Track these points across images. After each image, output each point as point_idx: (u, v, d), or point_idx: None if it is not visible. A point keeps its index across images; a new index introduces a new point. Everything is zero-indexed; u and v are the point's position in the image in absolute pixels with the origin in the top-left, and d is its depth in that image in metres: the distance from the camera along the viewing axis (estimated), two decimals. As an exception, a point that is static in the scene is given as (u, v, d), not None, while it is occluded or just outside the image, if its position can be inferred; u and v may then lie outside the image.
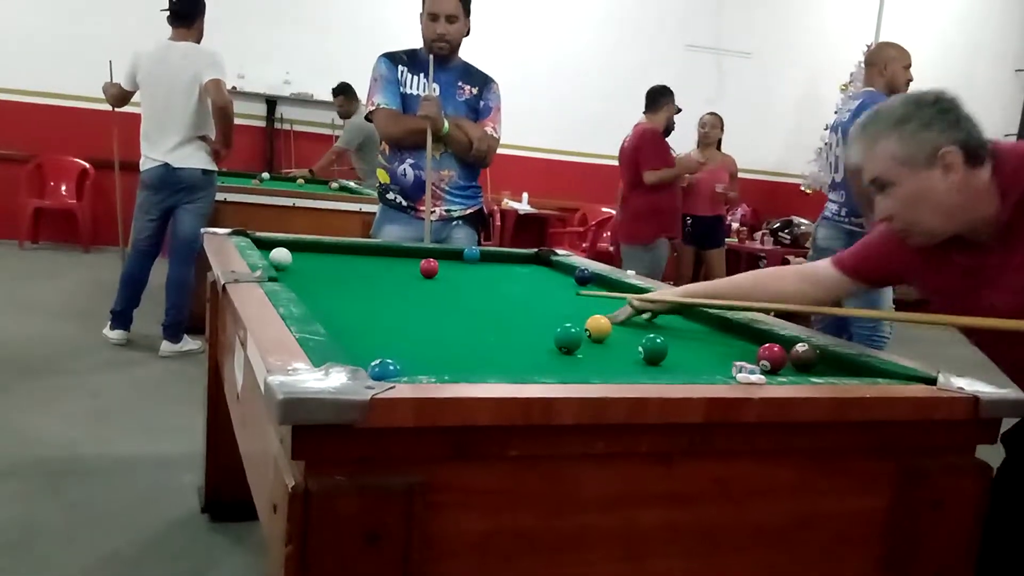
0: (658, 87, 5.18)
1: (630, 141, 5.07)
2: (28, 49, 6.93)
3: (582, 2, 8.26)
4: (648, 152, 4.95)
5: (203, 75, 4.13)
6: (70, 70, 6.83)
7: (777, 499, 1.19)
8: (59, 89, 7.01)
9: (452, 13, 2.98)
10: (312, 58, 7.43)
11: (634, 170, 4.99)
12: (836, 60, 8.57)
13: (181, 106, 4.17)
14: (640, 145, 4.98)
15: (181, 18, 4.22)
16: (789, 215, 7.52)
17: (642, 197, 5.00)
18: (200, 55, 4.19)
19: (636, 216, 5.04)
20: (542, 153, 8.26)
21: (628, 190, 5.11)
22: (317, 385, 0.97)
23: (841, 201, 3.81)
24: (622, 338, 1.61)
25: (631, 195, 5.08)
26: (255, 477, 1.38)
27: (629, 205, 5.11)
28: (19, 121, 7.02)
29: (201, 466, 2.62)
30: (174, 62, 4.17)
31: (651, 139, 4.99)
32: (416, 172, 3.08)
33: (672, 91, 5.16)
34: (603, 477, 1.10)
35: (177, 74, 4.16)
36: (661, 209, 5.04)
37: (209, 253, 2.20)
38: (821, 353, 1.50)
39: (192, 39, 4.24)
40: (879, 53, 3.91)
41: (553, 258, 2.77)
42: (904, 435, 1.25)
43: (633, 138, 5.05)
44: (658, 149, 5.01)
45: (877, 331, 3.79)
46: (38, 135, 7.03)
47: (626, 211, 5.16)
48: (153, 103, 4.23)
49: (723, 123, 6.06)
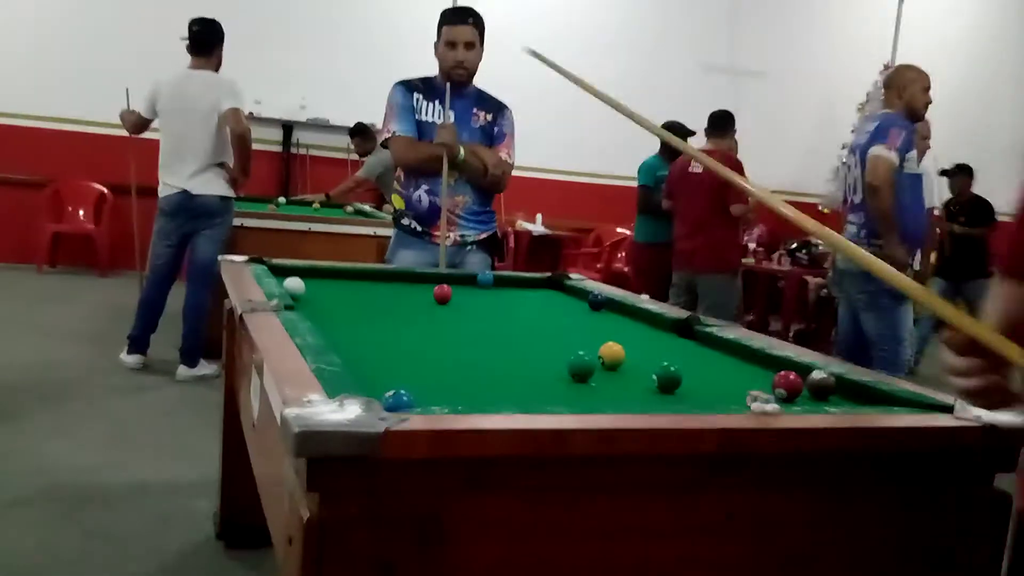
0: (723, 112, 5.12)
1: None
2: (47, 76, 7.06)
3: (595, 24, 8.32)
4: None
5: (222, 104, 4.21)
6: (88, 97, 6.93)
7: (793, 530, 1.18)
8: (77, 115, 7.12)
9: (470, 40, 3.02)
10: (328, 83, 7.51)
11: (719, 199, 4.89)
12: (852, 79, 8.58)
13: (200, 134, 4.24)
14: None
15: (200, 47, 4.31)
16: (806, 235, 7.49)
17: (727, 228, 4.97)
18: (219, 84, 4.28)
19: (726, 245, 5.00)
20: (556, 175, 8.29)
21: (711, 219, 4.94)
22: (332, 417, 0.98)
23: (860, 222, 3.80)
24: (636, 365, 1.61)
25: (714, 224, 4.93)
26: (270, 506, 1.38)
27: (713, 234, 4.95)
28: (38, 147, 7.14)
29: (217, 492, 2.62)
30: (193, 91, 4.25)
31: (739, 170, 4.97)
32: (431, 198, 3.10)
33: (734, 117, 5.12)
34: (617, 508, 1.10)
35: (196, 102, 4.24)
36: (740, 238, 5.01)
37: (226, 281, 2.22)
38: (837, 380, 1.49)
39: (211, 68, 4.33)
40: (898, 76, 3.91)
41: (566, 282, 2.77)
42: (921, 465, 1.23)
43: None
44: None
45: (898, 354, 3.76)
46: (56, 160, 7.14)
47: (710, 240, 4.95)
48: (172, 131, 4.30)
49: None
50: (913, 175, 3.75)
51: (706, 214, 4.95)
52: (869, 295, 3.78)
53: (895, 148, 3.60)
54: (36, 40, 7.06)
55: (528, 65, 2.23)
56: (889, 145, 3.60)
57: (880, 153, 3.60)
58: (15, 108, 7.12)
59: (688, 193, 5.03)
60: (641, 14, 8.48)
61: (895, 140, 3.61)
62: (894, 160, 3.60)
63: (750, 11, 8.74)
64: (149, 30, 5.34)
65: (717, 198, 4.89)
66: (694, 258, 4.99)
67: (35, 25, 7.08)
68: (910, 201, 3.73)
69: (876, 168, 3.59)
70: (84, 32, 7.10)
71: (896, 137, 3.61)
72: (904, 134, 3.64)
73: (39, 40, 7.06)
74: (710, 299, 4.87)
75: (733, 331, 1.98)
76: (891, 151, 3.60)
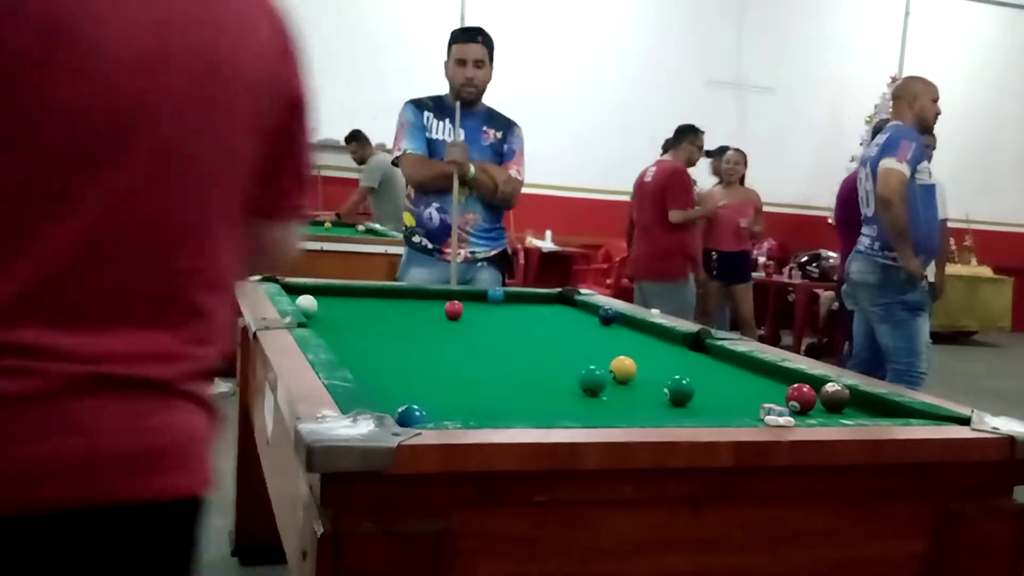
0: (683, 126, 5.23)
1: (655, 177, 5.08)
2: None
3: (603, 40, 8.36)
4: (676, 191, 4.99)
5: None
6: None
7: (808, 545, 1.18)
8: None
9: (479, 58, 3.05)
10: (337, 104, 7.57)
11: (660, 207, 4.99)
12: (859, 92, 8.57)
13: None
14: (668, 183, 4.99)
15: None
16: (816, 248, 7.47)
17: (669, 234, 5.00)
18: None
19: (666, 253, 5.02)
20: (565, 191, 8.30)
21: (652, 226, 5.09)
22: (345, 432, 0.99)
23: (874, 235, 3.79)
24: (647, 379, 1.61)
25: (656, 232, 5.06)
26: (284, 522, 1.39)
27: (654, 242, 5.08)
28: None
29: (232, 509, 2.63)
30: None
31: (679, 177, 5.03)
32: (441, 216, 3.12)
33: (698, 130, 5.20)
34: (630, 523, 1.09)
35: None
36: (688, 246, 5.06)
37: (240, 300, 2.24)
38: (852, 393, 1.48)
39: None
40: (907, 87, 3.91)
41: (577, 297, 2.78)
42: (938, 478, 1.22)
43: (660, 175, 5.06)
44: (685, 188, 5.06)
45: (914, 367, 3.73)
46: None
47: (650, 247, 5.11)
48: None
49: (747, 159, 6.09)
50: (926, 186, 3.74)
51: (649, 221, 5.09)
52: (884, 307, 3.76)
53: (906, 160, 3.59)
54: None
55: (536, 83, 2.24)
56: (899, 157, 3.59)
57: (891, 166, 3.60)
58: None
59: (639, 201, 5.22)
60: (648, 30, 8.52)
61: (905, 152, 3.60)
62: (905, 172, 3.59)
63: (758, 26, 8.77)
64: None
65: (658, 205, 4.99)
66: (636, 265, 5.22)
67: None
68: (923, 212, 3.72)
69: (887, 181, 3.59)
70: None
71: (906, 149, 3.61)
72: (914, 146, 3.64)
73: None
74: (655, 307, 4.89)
75: (745, 344, 1.98)
76: (902, 163, 3.59)
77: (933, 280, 3.86)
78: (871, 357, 3.93)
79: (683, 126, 5.24)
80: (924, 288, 3.73)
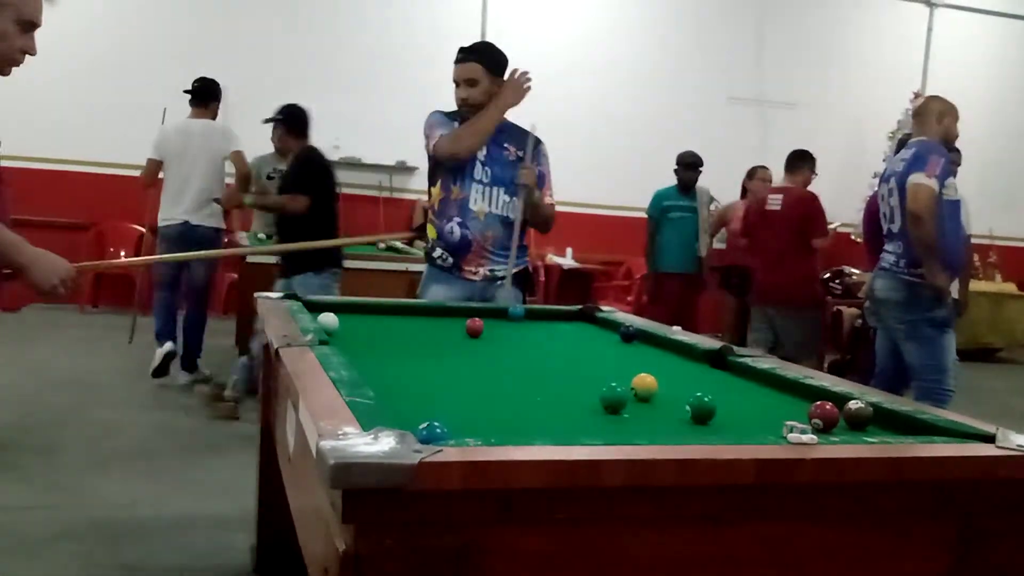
0: (799, 151, 5.24)
1: (787, 204, 5.00)
2: (89, 123, 7.31)
3: (624, 57, 8.38)
4: (819, 218, 5.01)
5: (227, 148, 4.98)
6: (127, 141, 7.13)
7: (832, 563, 1.17)
8: (117, 159, 7.34)
9: (469, 77, 3.11)
10: (361, 123, 7.64)
11: (797, 235, 4.96)
12: (881, 108, 8.52)
13: (200, 173, 4.94)
14: (809, 212, 4.98)
15: (199, 98, 5.06)
16: (840, 264, 7.41)
17: (807, 261, 5.03)
18: (221, 131, 5.07)
19: (808, 280, 5.06)
20: (586, 208, 8.30)
21: (790, 254, 4.98)
22: (367, 449, 0.99)
23: (899, 252, 3.75)
24: (669, 396, 1.61)
25: (793, 259, 4.97)
26: (306, 538, 1.39)
27: (795, 269, 4.97)
28: (81, 190, 7.40)
29: (254, 526, 2.64)
30: (195, 136, 4.98)
31: (817, 205, 5.05)
32: (462, 231, 3.13)
33: (811, 156, 5.21)
34: (651, 540, 1.09)
35: (199, 146, 4.95)
36: (818, 271, 5.11)
37: (263, 317, 2.26)
38: (875, 410, 1.47)
39: (208, 117, 5.06)
40: (933, 104, 3.88)
41: (598, 314, 2.77)
42: (963, 496, 1.21)
43: (794, 203, 4.99)
44: (823, 214, 5.07)
45: (942, 384, 3.68)
46: (98, 203, 7.39)
47: (789, 275, 4.96)
48: (177, 171, 4.96)
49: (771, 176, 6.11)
50: (952, 201, 3.70)
51: (786, 248, 4.99)
52: (910, 325, 3.72)
53: (935, 175, 3.56)
54: (78, 91, 7.33)
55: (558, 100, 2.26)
56: (929, 172, 3.56)
57: (920, 181, 3.56)
58: (62, 154, 7.37)
59: (767, 228, 5.09)
60: (667, 45, 8.53)
61: (934, 167, 3.57)
62: (935, 187, 3.55)
63: (778, 42, 8.76)
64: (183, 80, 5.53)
65: (796, 233, 4.96)
66: (775, 292, 5.01)
67: (83, 76, 7.34)
68: (949, 228, 3.68)
69: (917, 196, 3.55)
70: (123, 81, 7.35)
71: (935, 164, 3.57)
72: (943, 161, 3.60)
73: (81, 91, 7.33)
74: (789, 333, 4.94)
75: (767, 361, 1.97)
76: (931, 178, 3.55)
77: (957, 296, 3.82)
78: (894, 374, 3.88)
79: (799, 151, 5.23)
80: (950, 305, 3.69)
